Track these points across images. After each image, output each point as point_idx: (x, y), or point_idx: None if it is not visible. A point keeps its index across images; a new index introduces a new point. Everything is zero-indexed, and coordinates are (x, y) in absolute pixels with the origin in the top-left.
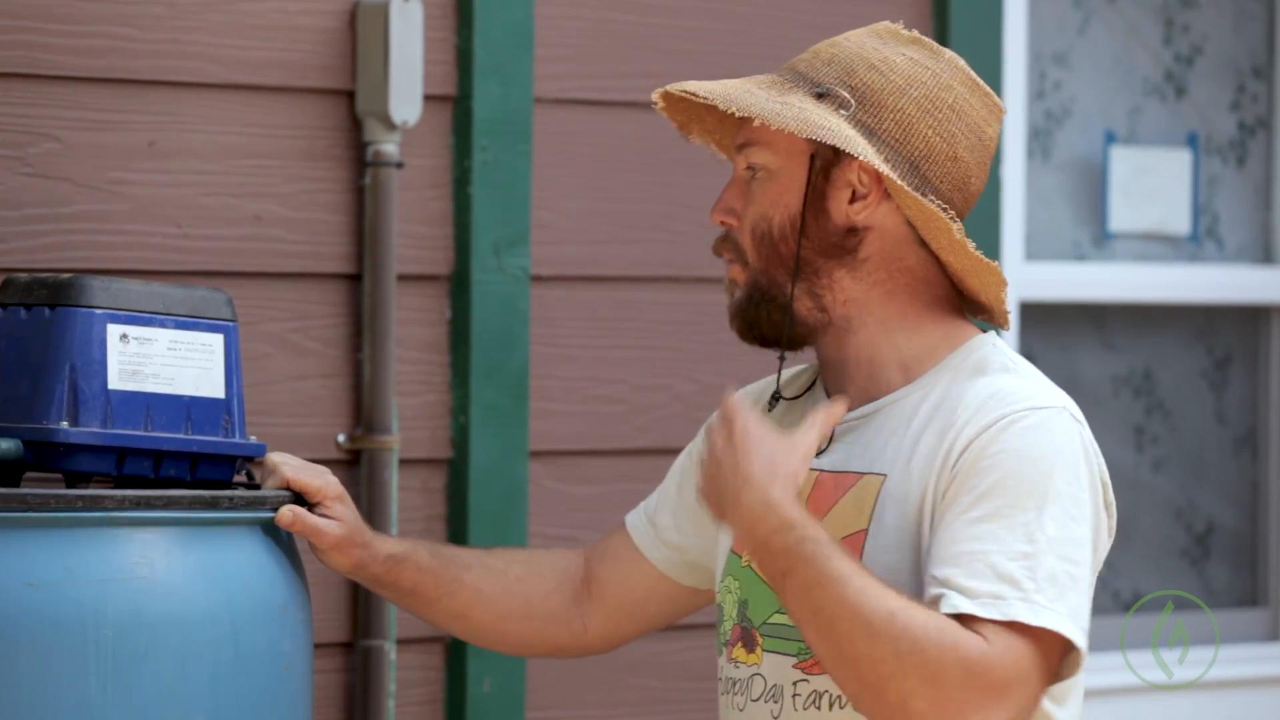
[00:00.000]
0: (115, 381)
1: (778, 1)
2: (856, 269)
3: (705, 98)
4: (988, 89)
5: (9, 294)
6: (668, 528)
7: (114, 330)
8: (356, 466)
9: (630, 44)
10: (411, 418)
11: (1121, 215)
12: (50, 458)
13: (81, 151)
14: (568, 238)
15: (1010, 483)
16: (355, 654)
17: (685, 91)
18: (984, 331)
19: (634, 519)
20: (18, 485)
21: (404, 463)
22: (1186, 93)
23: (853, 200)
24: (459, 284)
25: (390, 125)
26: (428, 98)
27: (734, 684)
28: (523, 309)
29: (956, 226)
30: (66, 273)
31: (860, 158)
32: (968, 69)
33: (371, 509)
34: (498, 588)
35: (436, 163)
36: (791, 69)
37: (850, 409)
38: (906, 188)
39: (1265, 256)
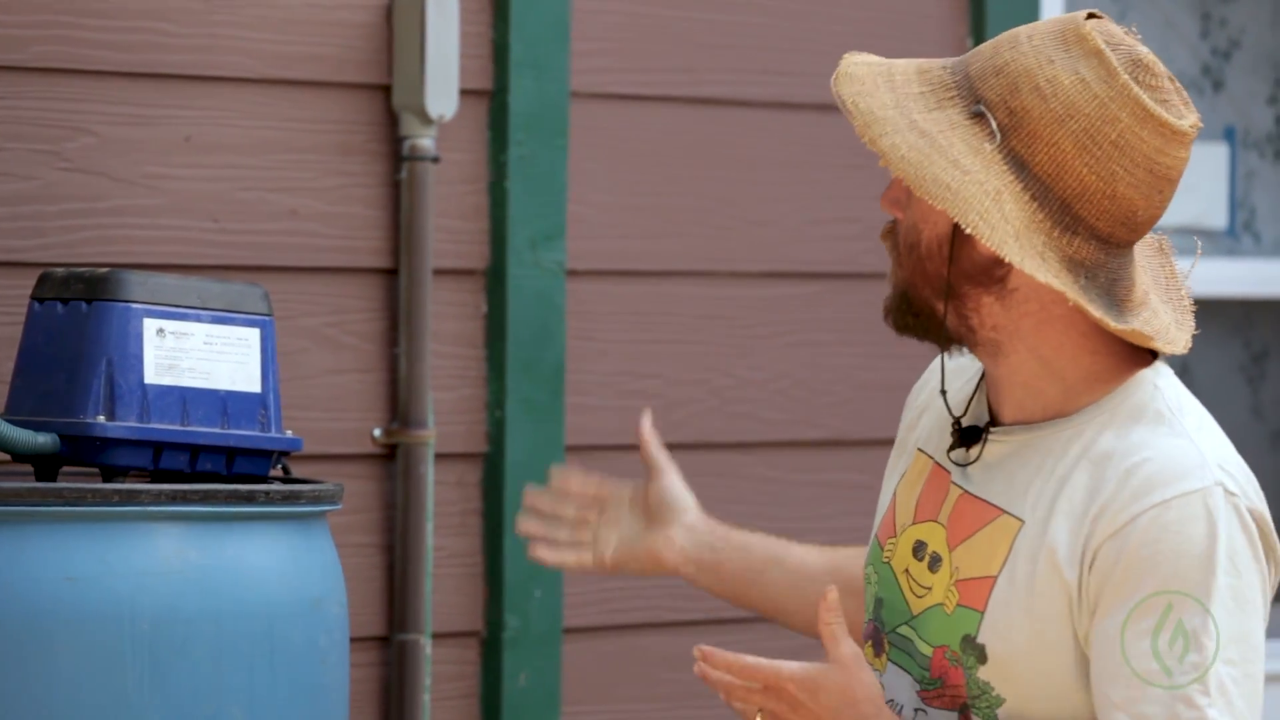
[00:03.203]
0: (152, 376)
1: None
2: (1005, 298)
3: (849, 111)
4: (1164, 117)
5: (46, 288)
6: None
7: (150, 325)
8: (392, 461)
9: (667, 38)
10: (447, 412)
11: None
12: (87, 452)
13: (118, 146)
14: (604, 232)
15: (1169, 587)
16: (391, 648)
17: (839, 95)
18: (1152, 362)
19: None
20: (55, 479)
21: (440, 457)
22: (1224, 87)
23: None
24: (495, 278)
25: (426, 119)
26: (464, 92)
27: None
28: (559, 303)
29: (1073, 299)
30: (103, 267)
31: (984, 241)
32: (1141, 95)
33: (407, 504)
34: (827, 559)
35: (473, 157)
36: (965, 67)
37: (1006, 423)
38: (1029, 260)
39: None
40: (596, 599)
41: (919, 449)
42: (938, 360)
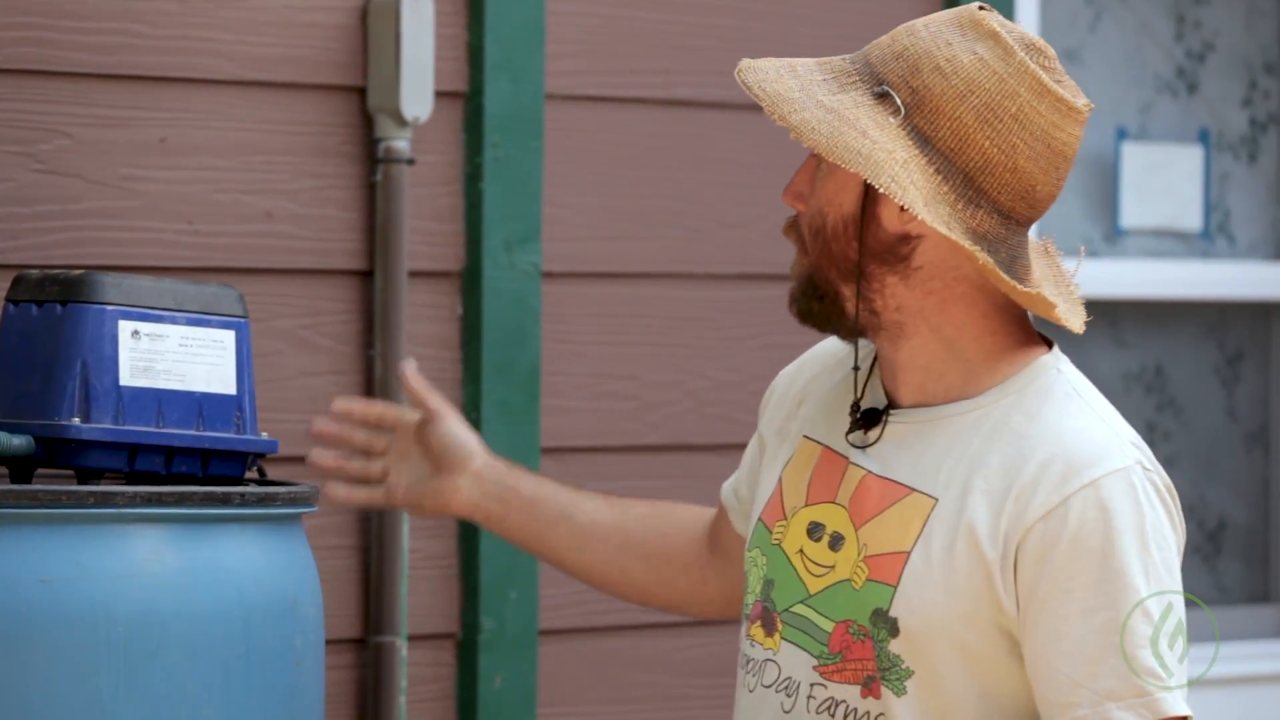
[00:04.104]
0: (127, 378)
1: None
2: (909, 276)
3: (768, 108)
4: (1060, 93)
5: (20, 291)
6: (748, 500)
7: (125, 327)
8: None
9: (641, 40)
10: None
11: (1133, 211)
12: (62, 454)
13: (93, 148)
14: (579, 234)
15: (1113, 564)
16: (367, 650)
17: (745, 83)
18: (1050, 347)
19: (725, 491)
20: (29, 482)
21: None
22: (1198, 89)
23: (903, 209)
24: (470, 280)
25: (401, 121)
26: (439, 94)
27: (749, 662)
28: (534, 305)
29: (983, 259)
30: (78, 269)
31: (898, 201)
32: (1038, 72)
33: None
34: (615, 517)
35: (448, 159)
36: (864, 57)
37: (902, 406)
38: (939, 223)
39: (1277, 253)
40: (572, 601)
41: (805, 436)
42: (813, 350)
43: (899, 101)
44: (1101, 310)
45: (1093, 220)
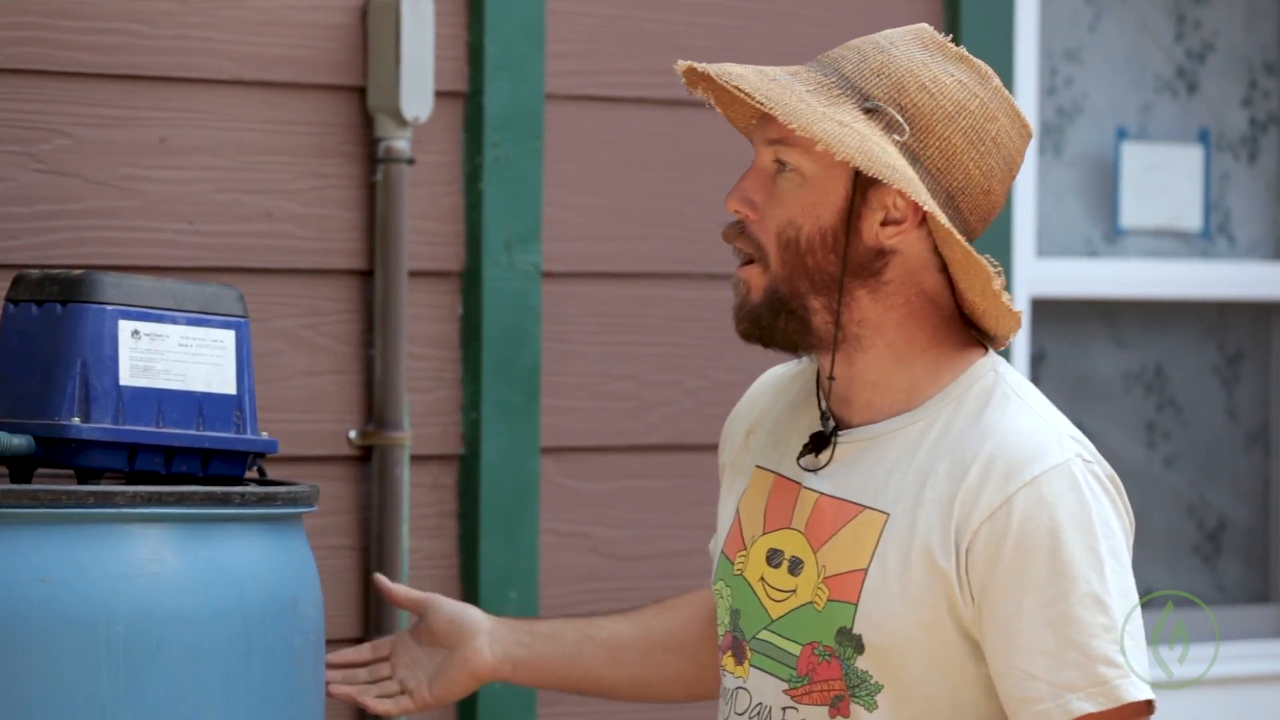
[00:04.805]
0: (127, 378)
1: None
2: (877, 290)
3: (761, 102)
4: (1023, 117)
5: (20, 290)
6: None
7: (125, 326)
8: (368, 463)
9: (642, 40)
10: (423, 414)
11: (1133, 211)
12: (62, 454)
13: (93, 148)
14: (579, 234)
15: (1061, 558)
16: None
17: (737, 88)
18: (985, 351)
19: (711, 548)
20: (29, 481)
21: (415, 459)
22: (1198, 89)
23: (885, 223)
24: (470, 280)
25: (401, 121)
26: (439, 94)
27: (725, 691)
28: (534, 305)
29: (999, 281)
30: (78, 269)
31: (926, 208)
32: (1008, 96)
33: (383, 505)
34: (634, 624)
35: (448, 159)
36: (837, 70)
37: (851, 425)
38: (960, 238)
39: (1277, 253)
40: (571, 601)
41: (758, 466)
42: (754, 385)
43: (895, 118)
44: (1101, 310)
45: (1093, 220)
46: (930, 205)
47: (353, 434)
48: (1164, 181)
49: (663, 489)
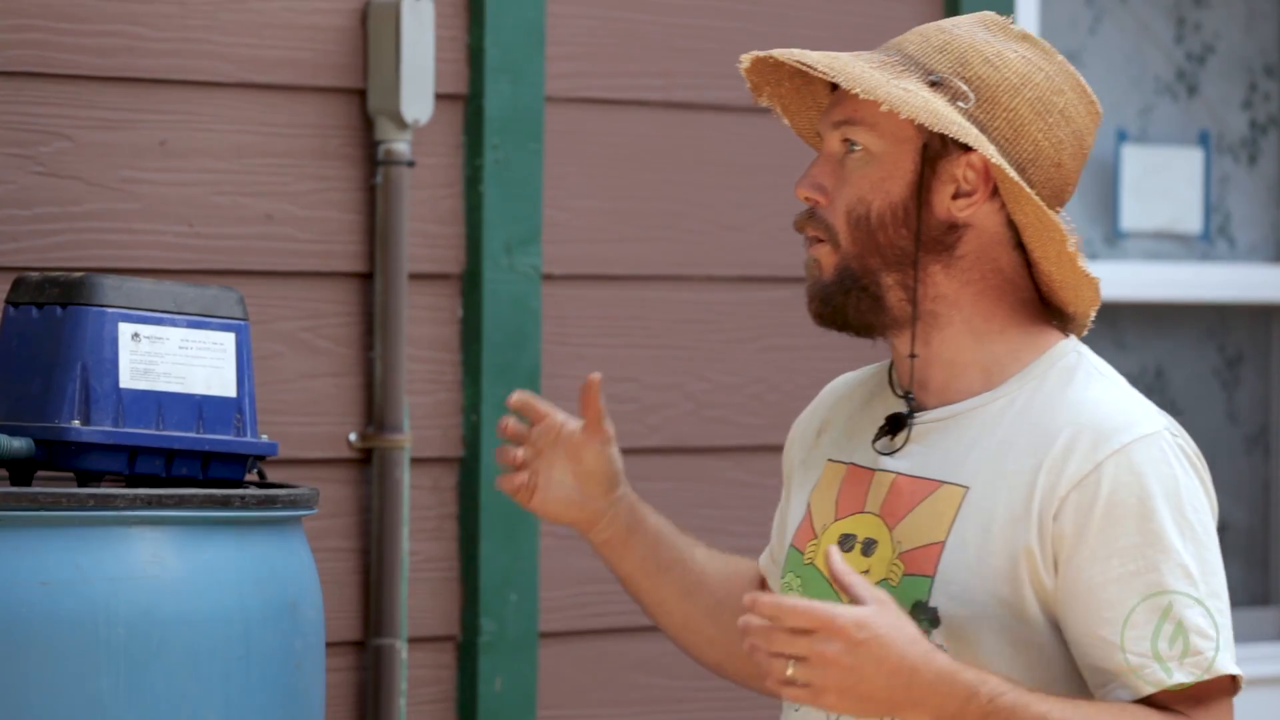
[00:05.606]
0: (127, 380)
1: (790, 0)
2: (951, 265)
3: (824, 72)
4: (1091, 94)
5: (20, 293)
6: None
7: (125, 329)
8: (368, 465)
9: (642, 42)
10: (423, 416)
11: (1133, 214)
12: (62, 456)
13: (93, 150)
14: (579, 236)
15: (1151, 526)
16: (367, 653)
17: (800, 62)
18: (1066, 336)
19: (762, 561)
20: (29, 484)
21: (415, 461)
22: (1198, 91)
23: (955, 196)
24: (470, 283)
25: (401, 124)
26: (439, 96)
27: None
28: (534, 308)
29: (1074, 239)
30: (78, 272)
31: (993, 160)
32: (1076, 72)
33: (383, 508)
34: (719, 569)
35: (448, 161)
36: (899, 50)
37: (927, 408)
38: (1032, 194)
39: (1277, 255)
40: (572, 603)
41: (829, 459)
42: (823, 392)
43: (961, 88)
44: (1102, 312)
45: (1093, 222)
46: (998, 159)
47: (353, 436)
48: (1164, 184)
49: (663, 491)
